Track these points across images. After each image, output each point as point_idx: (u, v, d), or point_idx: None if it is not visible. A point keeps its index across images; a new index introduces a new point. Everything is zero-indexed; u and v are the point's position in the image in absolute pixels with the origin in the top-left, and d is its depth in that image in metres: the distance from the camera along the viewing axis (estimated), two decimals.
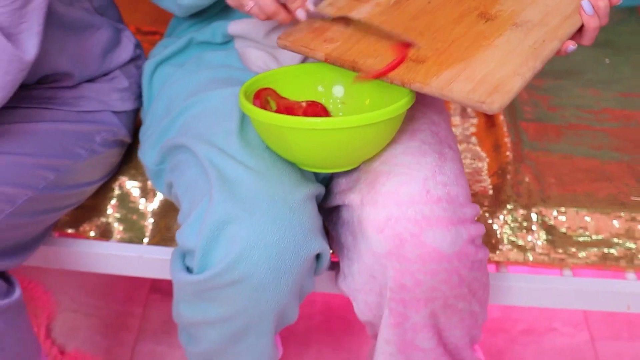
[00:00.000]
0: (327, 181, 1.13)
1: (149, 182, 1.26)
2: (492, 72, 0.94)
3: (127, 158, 1.28)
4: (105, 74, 1.20)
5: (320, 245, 1.01)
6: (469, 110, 1.44)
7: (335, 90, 1.09)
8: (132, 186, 1.27)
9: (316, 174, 1.10)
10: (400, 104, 0.96)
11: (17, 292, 1.05)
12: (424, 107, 1.11)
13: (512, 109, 1.43)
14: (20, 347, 1.07)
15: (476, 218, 1.06)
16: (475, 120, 1.43)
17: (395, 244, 0.98)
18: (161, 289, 1.62)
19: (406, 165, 1.02)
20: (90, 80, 1.18)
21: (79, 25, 1.15)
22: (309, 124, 0.94)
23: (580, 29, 1.01)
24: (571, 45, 0.99)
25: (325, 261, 1.05)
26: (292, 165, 1.03)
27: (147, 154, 1.17)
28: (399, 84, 0.95)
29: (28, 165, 1.06)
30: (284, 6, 0.99)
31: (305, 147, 0.96)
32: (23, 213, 1.05)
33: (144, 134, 1.20)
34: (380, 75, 0.96)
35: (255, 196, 0.98)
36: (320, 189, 1.06)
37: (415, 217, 0.98)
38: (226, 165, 1.00)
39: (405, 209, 0.98)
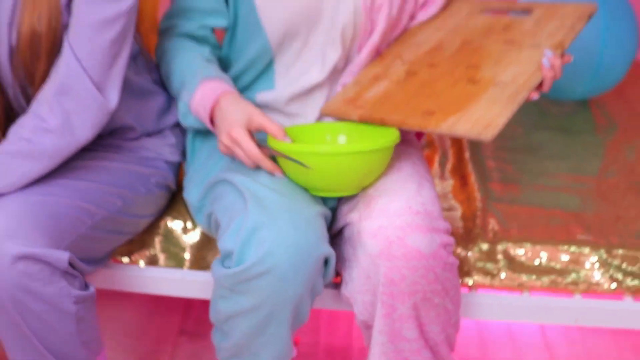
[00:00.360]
0: (333, 210, 1.45)
1: (188, 222, 1.57)
2: (483, 115, 1.30)
3: (171, 203, 1.59)
4: (159, 132, 1.54)
5: (328, 250, 1.31)
6: (446, 173, 1.78)
7: (339, 138, 1.43)
8: (174, 225, 1.58)
9: (325, 202, 1.42)
10: (392, 138, 1.31)
11: (92, 289, 1.34)
12: (406, 150, 1.45)
13: (482, 173, 1.76)
14: (94, 333, 1.35)
15: (448, 232, 1.37)
16: (451, 182, 1.76)
17: (385, 245, 1.29)
18: (188, 331, 1.89)
19: (394, 190, 1.34)
20: (148, 135, 1.52)
21: (142, 91, 1.50)
22: (322, 149, 1.28)
23: (541, 83, 1.37)
24: (535, 95, 1.34)
25: (331, 266, 1.34)
26: (307, 190, 1.35)
27: (191, 193, 1.49)
28: (417, 129, 1.33)
29: (103, 192, 1.38)
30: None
31: (319, 171, 1.29)
32: (99, 228, 1.36)
33: (189, 179, 1.52)
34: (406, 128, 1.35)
35: (279, 209, 1.29)
36: (328, 212, 1.37)
37: (400, 225, 1.29)
38: (258, 188, 1.32)
39: (393, 219, 1.30)
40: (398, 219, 1.30)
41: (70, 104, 1.29)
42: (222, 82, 1.40)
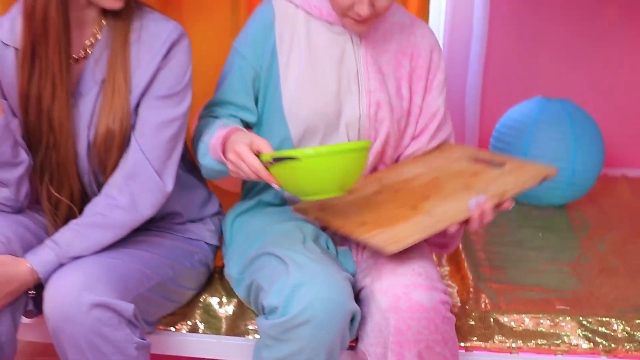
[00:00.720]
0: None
1: (224, 297, 1.83)
2: (398, 234, 1.55)
3: (209, 282, 1.87)
4: (201, 219, 1.84)
5: (355, 306, 1.56)
6: (443, 261, 2.06)
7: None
8: (212, 300, 1.84)
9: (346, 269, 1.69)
10: (367, 143, 1.53)
11: (148, 341, 1.59)
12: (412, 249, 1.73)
13: (473, 260, 2.05)
14: None
15: (446, 293, 1.63)
16: (447, 268, 2.04)
17: (394, 300, 1.56)
18: None
19: (399, 259, 1.62)
20: (192, 221, 1.82)
21: (188, 185, 1.81)
22: (310, 151, 1.47)
23: (468, 220, 1.60)
24: (452, 228, 1.58)
25: (356, 323, 1.59)
26: (336, 261, 1.62)
27: (232, 268, 1.77)
28: (348, 234, 1.60)
29: (158, 261, 1.66)
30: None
31: (308, 172, 1.47)
32: (154, 291, 1.63)
33: (229, 257, 1.79)
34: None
35: (315, 271, 1.55)
36: (351, 277, 1.63)
37: (405, 283, 1.57)
38: (296, 256, 1.59)
39: (400, 278, 1.57)
40: (404, 278, 1.57)
41: (136, 186, 1.60)
42: (238, 126, 1.66)
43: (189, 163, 1.85)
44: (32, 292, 1.55)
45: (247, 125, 1.83)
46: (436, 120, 1.83)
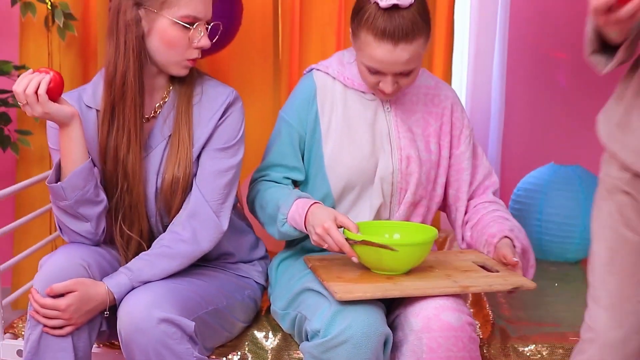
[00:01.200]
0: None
1: (270, 332, 2.05)
2: (363, 289, 1.75)
3: (256, 318, 2.09)
4: (250, 261, 2.09)
5: (388, 330, 1.77)
6: (467, 305, 2.27)
7: (394, 236, 1.95)
8: (259, 334, 2.06)
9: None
10: (434, 234, 1.82)
11: (206, 357, 1.81)
12: None
13: (494, 304, 2.25)
14: None
15: (471, 316, 1.82)
16: (472, 310, 2.25)
17: (425, 321, 1.76)
18: None
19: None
20: (243, 262, 2.07)
21: (239, 229, 2.07)
22: (392, 241, 1.80)
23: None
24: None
25: (389, 345, 1.78)
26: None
27: (277, 305, 2.00)
28: (325, 284, 1.79)
29: (214, 290, 1.90)
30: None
31: (394, 256, 1.77)
32: (210, 316, 1.86)
33: (275, 296, 2.02)
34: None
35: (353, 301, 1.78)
36: (383, 306, 1.85)
37: (435, 306, 1.77)
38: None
39: (430, 302, 1.78)
40: (434, 301, 1.78)
41: (197, 224, 1.86)
42: (311, 198, 1.95)
43: (238, 210, 2.11)
44: (107, 312, 1.79)
45: (295, 183, 2.10)
46: (479, 174, 2.09)
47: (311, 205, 1.89)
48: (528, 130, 3.24)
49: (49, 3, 2.71)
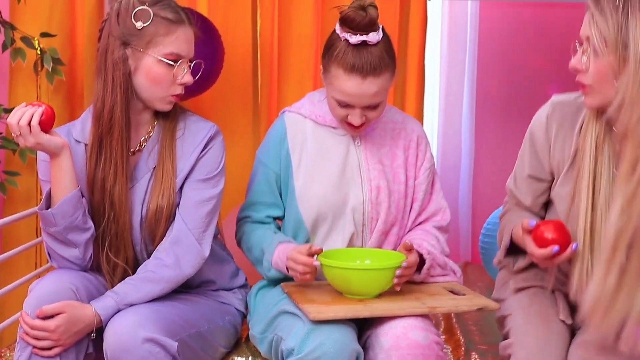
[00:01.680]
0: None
1: (250, 358, 2.14)
2: (327, 310, 1.86)
3: (236, 345, 2.18)
4: (231, 289, 2.18)
5: (359, 347, 1.86)
6: (439, 332, 2.37)
7: (366, 261, 2.05)
8: (239, 358, 2.14)
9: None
10: (401, 259, 1.93)
11: None
12: None
13: (466, 331, 2.35)
14: None
15: (438, 336, 1.93)
16: (443, 337, 2.34)
17: (394, 340, 1.86)
18: None
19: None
20: (224, 289, 2.16)
21: (220, 258, 2.16)
22: (360, 266, 1.91)
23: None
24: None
25: None
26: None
27: (255, 330, 2.08)
28: (300, 306, 1.90)
29: (196, 314, 1.98)
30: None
31: (359, 281, 1.89)
32: (192, 338, 1.94)
33: (254, 321, 2.10)
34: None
35: (326, 321, 1.88)
36: (355, 327, 1.95)
37: (404, 325, 1.88)
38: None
39: (399, 322, 1.88)
40: (402, 321, 1.88)
41: (179, 250, 1.96)
42: (291, 242, 2.07)
43: (219, 241, 2.21)
44: (94, 334, 1.87)
45: (278, 218, 2.21)
46: (430, 208, 2.20)
47: (288, 251, 2.01)
48: (498, 166, 3.37)
49: (39, 49, 2.83)
